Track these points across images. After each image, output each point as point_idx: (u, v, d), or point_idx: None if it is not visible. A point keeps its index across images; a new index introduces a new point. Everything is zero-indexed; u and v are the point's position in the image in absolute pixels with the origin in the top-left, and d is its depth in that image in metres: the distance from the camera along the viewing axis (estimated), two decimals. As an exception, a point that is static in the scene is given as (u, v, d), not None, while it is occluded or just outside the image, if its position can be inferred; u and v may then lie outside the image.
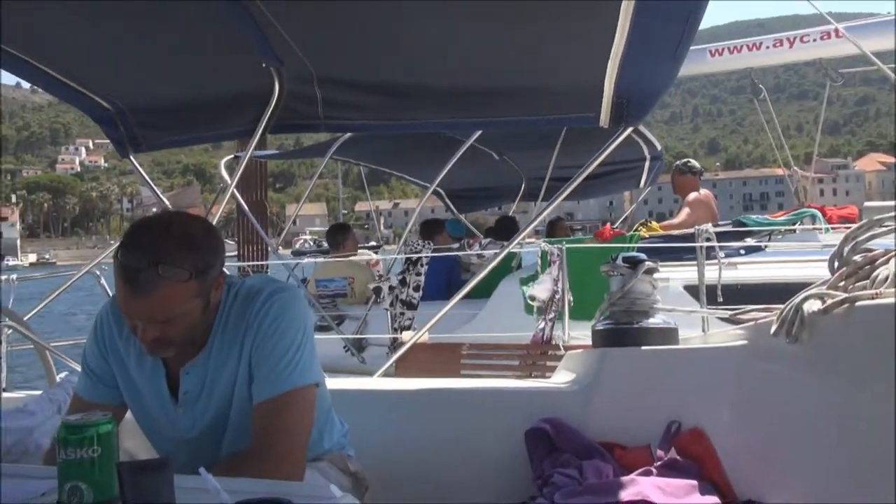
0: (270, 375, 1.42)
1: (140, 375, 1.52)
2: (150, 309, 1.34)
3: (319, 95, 2.60)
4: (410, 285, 4.62)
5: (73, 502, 0.98)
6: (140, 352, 1.49)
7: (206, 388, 1.48)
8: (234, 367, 1.46)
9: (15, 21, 2.12)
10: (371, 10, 2.02)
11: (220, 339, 1.47)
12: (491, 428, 1.97)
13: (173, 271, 1.32)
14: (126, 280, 1.32)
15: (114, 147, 2.88)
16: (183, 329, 1.40)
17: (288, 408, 1.41)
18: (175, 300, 1.34)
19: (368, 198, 13.64)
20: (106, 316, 1.56)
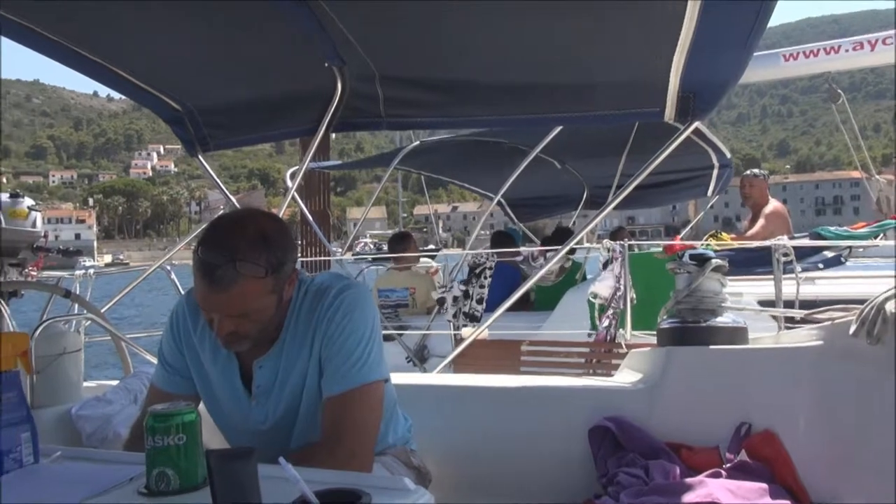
0: (340, 371, 1.44)
1: (214, 368, 1.56)
2: (226, 304, 1.37)
3: (381, 93, 2.62)
4: (474, 297, 4.61)
5: (160, 487, 1.02)
6: (215, 345, 1.53)
7: (278, 382, 1.51)
8: (305, 361, 1.49)
9: (92, 26, 2.22)
10: (432, 7, 2.03)
11: (292, 335, 1.50)
12: (553, 425, 1.94)
13: (250, 268, 1.35)
14: (204, 275, 1.36)
15: (183, 147, 2.97)
16: (257, 324, 1.43)
17: (357, 403, 1.43)
18: (251, 296, 1.37)
19: (428, 201, 13.68)
20: (182, 310, 1.61)
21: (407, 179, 30.45)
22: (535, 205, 7.79)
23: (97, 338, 3.64)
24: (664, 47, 1.96)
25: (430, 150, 5.97)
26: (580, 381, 2.13)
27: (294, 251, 1.48)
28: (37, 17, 2.09)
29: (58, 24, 2.16)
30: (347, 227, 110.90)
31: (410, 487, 0.98)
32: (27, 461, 1.17)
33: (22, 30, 2.09)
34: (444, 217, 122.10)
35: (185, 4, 2.10)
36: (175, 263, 4.14)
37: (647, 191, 6.62)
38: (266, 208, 2.39)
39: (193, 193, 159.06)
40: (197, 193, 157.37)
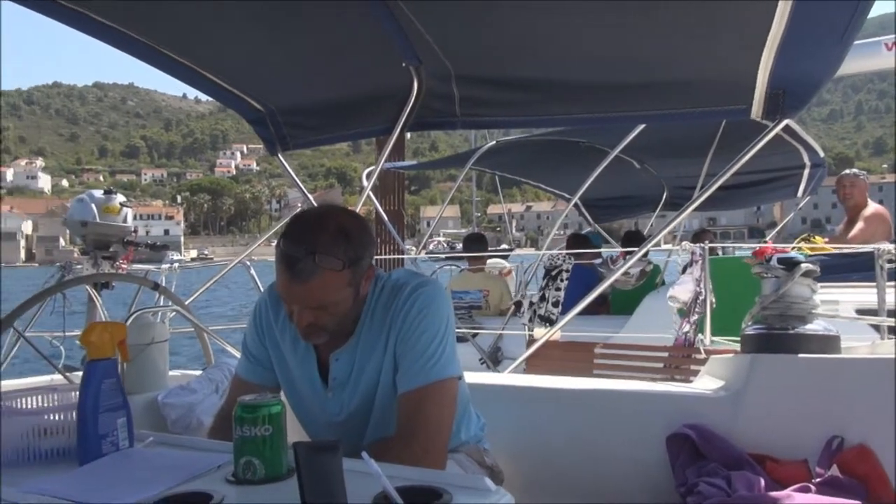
0: (414, 367, 1.46)
1: (294, 359, 1.61)
2: (306, 296, 1.41)
3: (457, 93, 2.62)
4: (550, 301, 4.55)
5: (246, 476, 1.05)
6: (294, 337, 1.57)
7: (353, 375, 1.54)
8: (380, 356, 1.51)
9: (182, 30, 2.32)
10: (510, 6, 2.02)
11: (368, 329, 1.53)
12: (628, 430, 1.89)
13: (328, 261, 1.38)
14: (286, 267, 1.39)
15: (265, 147, 3.07)
16: (335, 317, 1.46)
17: (431, 399, 1.44)
18: (329, 288, 1.40)
19: (501, 201, 13.64)
20: (264, 302, 1.66)
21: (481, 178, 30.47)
22: (611, 206, 7.61)
23: (181, 329, 3.80)
24: (753, 43, 1.88)
25: (506, 149, 5.93)
26: (658, 387, 2.06)
27: (371, 247, 1.51)
28: (132, 23, 2.20)
29: (151, 29, 2.27)
30: (421, 225, 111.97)
31: (491, 488, 0.97)
32: (123, 445, 1.23)
33: (118, 35, 2.20)
34: (518, 216, 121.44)
35: (267, 8, 2.16)
36: (255, 259, 4.27)
37: (733, 191, 6.34)
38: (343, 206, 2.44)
39: (274, 191, 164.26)
40: (277, 191, 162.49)
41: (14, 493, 1.05)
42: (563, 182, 7.03)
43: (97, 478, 1.12)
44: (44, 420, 1.25)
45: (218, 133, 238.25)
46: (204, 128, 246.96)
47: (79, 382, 2.50)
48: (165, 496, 1.00)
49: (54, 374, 3.04)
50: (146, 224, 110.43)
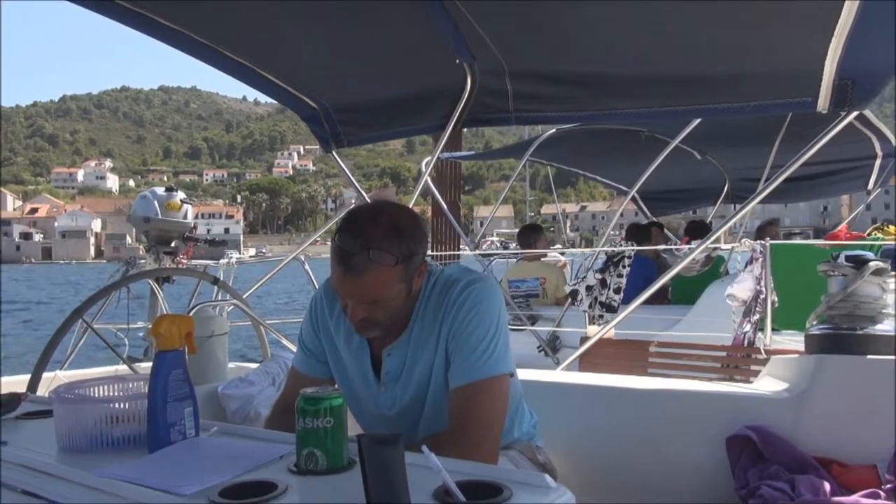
0: (466, 363, 1.46)
1: (347, 353, 1.63)
2: (359, 290, 1.42)
3: (510, 89, 2.61)
4: (611, 287, 4.47)
5: (308, 466, 1.07)
6: (348, 331, 1.59)
7: (405, 370, 1.55)
8: (432, 352, 1.52)
9: (241, 31, 2.38)
10: (565, 2, 2.00)
11: (420, 325, 1.54)
12: (686, 430, 1.85)
13: (382, 256, 1.39)
14: (340, 262, 1.41)
15: (319, 144, 3.11)
16: (387, 311, 1.47)
17: (483, 395, 1.44)
18: (382, 283, 1.42)
19: (556, 200, 13.49)
20: (320, 297, 1.69)
21: (535, 178, 30.22)
22: (669, 198, 7.38)
23: (238, 322, 3.90)
24: (820, 32, 1.81)
25: (565, 138, 5.83)
26: (716, 387, 2.01)
27: (424, 243, 1.51)
28: (194, 25, 2.27)
29: (212, 31, 2.33)
30: (474, 225, 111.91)
31: (551, 485, 0.95)
32: (189, 434, 1.27)
33: (182, 37, 2.27)
34: (572, 216, 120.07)
35: (322, 8, 2.20)
36: (309, 255, 4.34)
37: (799, 183, 6.04)
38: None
39: (330, 191, 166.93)
40: (333, 191, 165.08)
41: (89, 478, 1.09)
42: (620, 174, 6.88)
43: (166, 465, 1.15)
44: (115, 408, 1.29)
45: (276, 134, 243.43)
46: (263, 129, 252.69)
47: (142, 372, 2.59)
48: (232, 484, 1.02)
49: (119, 364, 3.16)
50: (207, 223, 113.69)
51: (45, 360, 2.53)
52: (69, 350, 3.38)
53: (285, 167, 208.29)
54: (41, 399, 1.80)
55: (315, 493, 1.02)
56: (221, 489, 1.00)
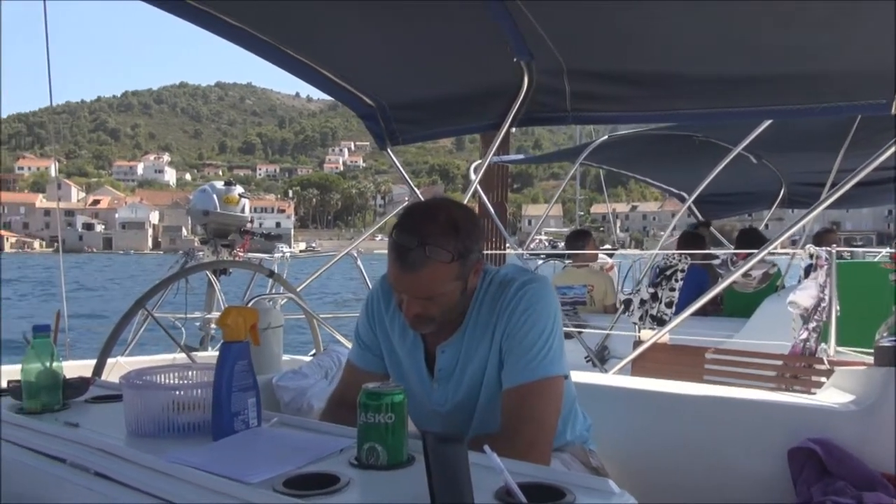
0: (520, 363, 1.45)
1: (402, 349, 1.64)
2: (415, 285, 1.43)
3: (568, 88, 2.59)
4: (663, 300, 4.38)
5: (369, 461, 1.08)
6: (403, 327, 1.61)
7: (458, 367, 1.56)
8: (486, 351, 1.52)
9: (299, 28, 2.41)
10: None
11: (474, 323, 1.54)
12: (745, 440, 1.80)
13: (438, 252, 1.40)
14: (397, 257, 1.43)
15: (374, 141, 3.14)
16: (442, 308, 1.47)
17: (537, 396, 1.44)
18: (437, 279, 1.43)
19: (606, 200, 13.30)
20: (376, 293, 1.72)
21: (585, 177, 29.83)
22: (722, 202, 7.19)
23: (291, 316, 3.97)
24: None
25: (618, 145, 5.77)
26: (777, 397, 1.95)
27: (481, 240, 1.52)
28: (255, 22, 2.31)
29: (272, 28, 2.37)
30: (522, 223, 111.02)
31: (615, 490, 0.95)
32: (252, 424, 1.30)
33: (242, 33, 2.31)
34: (623, 216, 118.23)
35: (382, 6, 2.21)
36: (361, 251, 4.39)
37: (865, 188, 5.79)
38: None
39: (379, 187, 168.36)
40: (382, 188, 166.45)
41: (159, 462, 1.13)
42: (674, 178, 6.75)
43: (231, 453, 1.18)
44: (181, 396, 1.33)
45: (328, 130, 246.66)
46: (314, 125, 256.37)
47: (199, 361, 2.65)
48: (295, 475, 1.04)
49: (176, 352, 3.26)
50: (260, 217, 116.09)
51: (109, 346, 2.62)
52: (130, 337, 3.49)
53: (336, 163, 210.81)
54: (107, 384, 1.87)
55: (376, 487, 1.03)
56: (285, 479, 1.02)
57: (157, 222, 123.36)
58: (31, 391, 1.55)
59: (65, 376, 1.61)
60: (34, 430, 1.40)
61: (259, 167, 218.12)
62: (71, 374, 1.66)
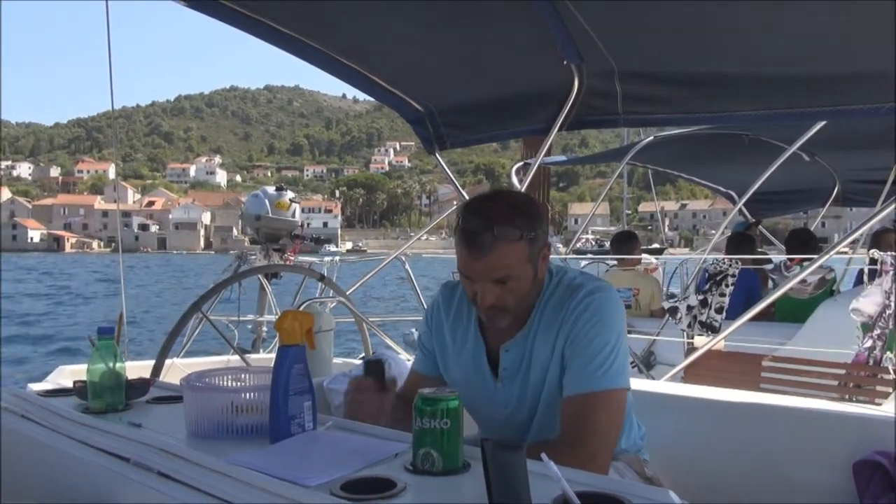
0: (584, 372, 1.44)
1: (463, 352, 1.64)
2: (488, 268, 1.44)
3: (619, 90, 2.56)
4: (713, 306, 4.26)
5: (425, 466, 1.09)
6: (466, 328, 1.62)
7: (523, 367, 1.55)
8: (549, 353, 1.51)
9: (347, 33, 2.44)
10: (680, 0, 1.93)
11: (538, 323, 1.54)
12: (807, 452, 1.75)
13: (506, 231, 1.42)
14: (466, 243, 1.45)
15: (423, 145, 3.16)
16: (516, 294, 1.48)
17: (599, 407, 1.42)
18: (509, 259, 1.44)
19: (654, 198, 13.07)
20: (437, 301, 1.73)
21: (632, 175, 29.39)
22: (773, 200, 6.92)
23: (340, 319, 4.03)
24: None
25: (665, 144, 5.66)
26: (842, 407, 1.89)
27: (545, 227, 1.52)
28: (303, 28, 2.35)
29: (320, 34, 2.41)
30: (568, 222, 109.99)
31: (676, 501, 0.93)
32: (308, 427, 1.32)
33: (290, 40, 2.35)
34: (671, 215, 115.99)
35: (429, 11, 2.22)
36: (409, 255, 4.41)
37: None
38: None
39: (424, 187, 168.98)
40: (427, 187, 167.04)
41: (220, 464, 1.16)
42: (723, 177, 6.57)
43: (288, 456, 1.20)
44: (240, 398, 1.36)
45: (373, 131, 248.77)
46: (361, 126, 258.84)
47: (252, 363, 2.70)
48: (352, 479, 1.05)
49: (230, 354, 3.33)
50: (307, 216, 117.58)
51: (167, 348, 2.70)
52: (185, 339, 3.59)
53: (381, 163, 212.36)
54: (166, 385, 1.93)
55: (432, 493, 1.04)
56: (342, 483, 1.03)
57: (208, 223, 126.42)
58: (95, 391, 1.60)
59: (127, 377, 1.66)
60: (99, 430, 1.45)
61: (306, 168, 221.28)
62: (129, 374, 1.71)
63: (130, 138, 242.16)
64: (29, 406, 1.69)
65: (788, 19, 1.95)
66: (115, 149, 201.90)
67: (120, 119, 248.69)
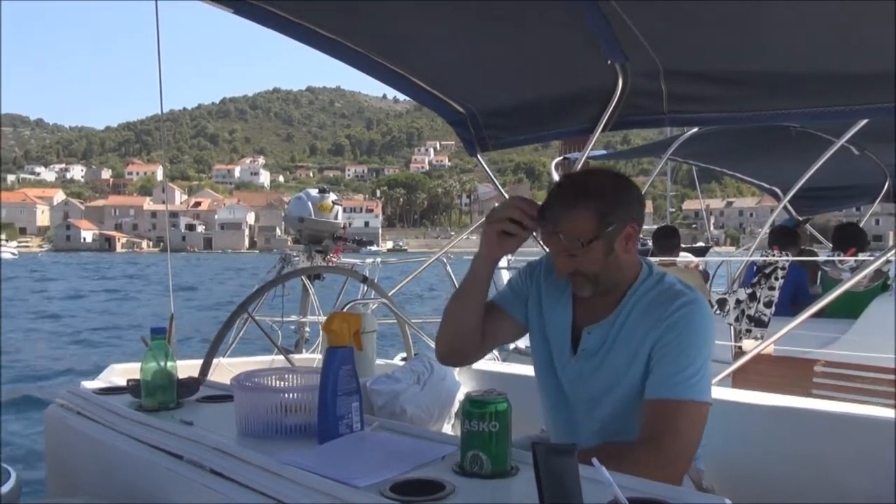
0: (672, 378, 1.44)
1: (552, 319, 1.66)
2: (559, 233, 1.50)
3: (665, 89, 2.51)
4: (761, 300, 4.16)
5: (473, 469, 1.09)
6: (559, 297, 1.65)
7: (601, 353, 1.56)
8: (633, 350, 1.51)
9: (387, 35, 2.45)
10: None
11: (627, 316, 1.54)
12: (866, 462, 1.69)
13: (580, 197, 1.50)
14: (543, 213, 1.53)
15: (464, 147, 3.15)
16: (590, 266, 1.51)
17: (683, 415, 1.42)
18: (577, 228, 1.48)
19: (699, 195, 12.78)
20: (545, 261, 1.75)
21: (676, 172, 28.87)
22: (819, 196, 6.67)
23: (381, 320, 4.06)
24: None
25: (708, 137, 5.50)
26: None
27: (624, 210, 1.52)
28: (343, 31, 2.36)
29: (360, 36, 2.42)
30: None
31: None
32: (356, 427, 1.34)
33: (328, 41, 2.37)
34: (717, 213, 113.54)
35: (471, 11, 2.21)
36: (451, 256, 4.42)
37: None
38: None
39: (464, 186, 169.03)
40: (468, 186, 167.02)
41: (271, 463, 1.18)
42: (767, 172, 6.37)
43: (337, 456, 1.21)
44: (288, 398, 1.38)
45: (414, 131, 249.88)
46: (401, 126, 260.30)
47: (297, 364, 2.73)
48: (401, 480, 1.06)
49: (274, 355, 3.38)
50: (349, 216, 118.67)
51: (214, 348, 2.76)
52: (231, 339, 3.66)
53: (422, 163, 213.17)
54: (214, 384, 1.97)
55: (481, 496, 1.04)
56: (392, 484, 1.04)
57: (252, 223, 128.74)
58: (148, 390, 1.65)
59: (177, 376, 1.71)
60: (153, 427, 1.49)
61: (348, 168, 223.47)
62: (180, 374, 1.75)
63: (178, 140, 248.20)
64: (84, 403, 1.75)
65: (842, 12, 1.89)
66: (163, 151, 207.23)
67: (168, 122, 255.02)
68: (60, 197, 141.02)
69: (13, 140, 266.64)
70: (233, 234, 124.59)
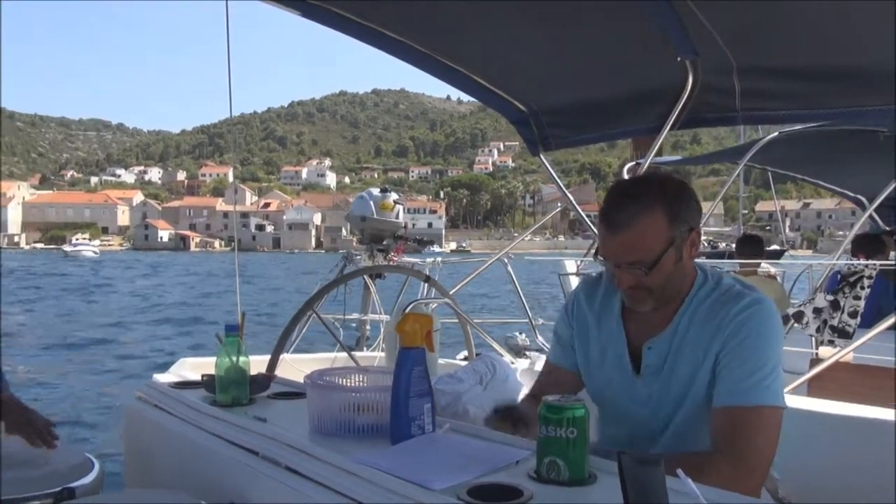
0: (743, 384, 1.38)
1: (604, 344, 1.58)
2: (625, 245, 1.41)
3: (738, 86, 2.43)
4: (846, 310, 3.95)
5: (550, 475, 1.06)
6: (608, 323, 1.58)
7: (667, 366, 1.48)
8: (699, 357, 1.44)
9: (451, 36, 2.45)
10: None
11: (687, 323, 1.47)
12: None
13: (646, 204, 1.39)
14: (606, 222, 1.43)
15: (526, 147, 3.12)
16: (658, 278, 1.42)
17: (757, 421, 1.36)
18: (648, 235, 1.40)
19: (774, 197, 12.28)
20: (579, 292, 1.70)
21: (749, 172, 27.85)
22: None
23: (442, 319, 4.07)
24: None
25: (787, 142, 5.28)
26: None
27: (694, 213, 1.46)
28: (407, 32, 2.38)
29: (423, 37, 2.43)
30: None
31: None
32: (427, 429, 1.33)
33: (393, 42, 2.39)
34: (793, 215, 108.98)
35: (533, 10, 2.19)
36: (512, 256, 4.40)
37: None
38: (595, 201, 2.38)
39: (528, 187, 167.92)
40: (531, 187, 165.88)
41: (346, 462, 1.18)
42: (851, 180, 6.07)
43: (411, 458, 1.21)
44: (361, 398, 1.39)
45: (477, 132, 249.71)
46: (465, 127, 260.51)
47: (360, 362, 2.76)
48: (477, 484, 1.05)
49: (336, 352, 3.44)
50: (413, 217, 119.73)
51: (281, 345, 2.83)
52: (295, 337, 3.75)
53: (485, 164, 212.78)
54: (284, 381, 2.01)
55: (560, 503, 1.01)
56: (468, 488, 1.03)
57: (319, 223, 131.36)
58: (222, 385, 1.70)
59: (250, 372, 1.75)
60: (227, 422, 1.52)
61: (412, 169, 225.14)
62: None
63: (248, 143, 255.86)
64: (162, 397, 1.81)
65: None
66: (233, 153, 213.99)
67: (238, 125, 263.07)
68: (139, 198, 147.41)
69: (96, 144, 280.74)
70: (300, 234, 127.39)
